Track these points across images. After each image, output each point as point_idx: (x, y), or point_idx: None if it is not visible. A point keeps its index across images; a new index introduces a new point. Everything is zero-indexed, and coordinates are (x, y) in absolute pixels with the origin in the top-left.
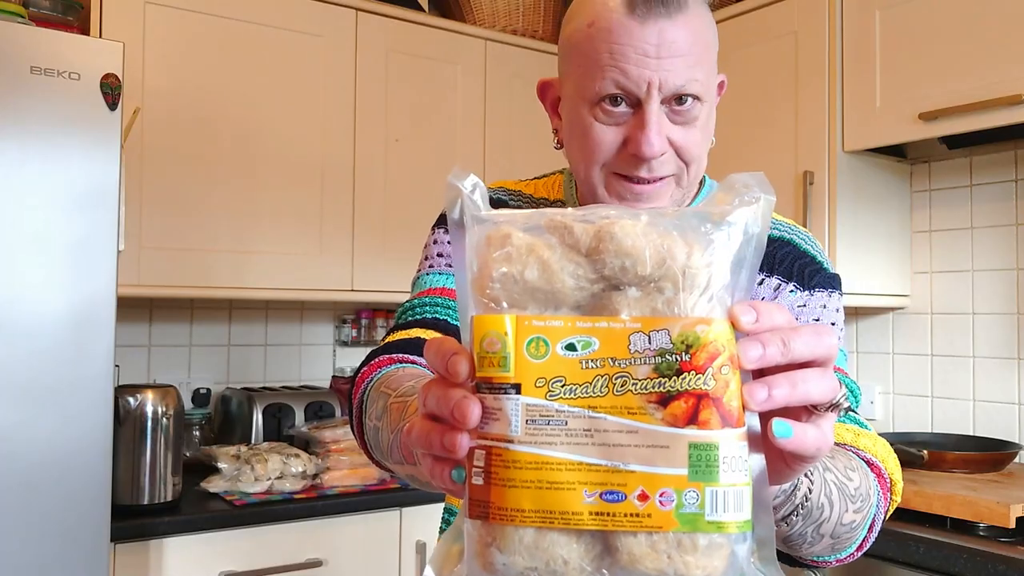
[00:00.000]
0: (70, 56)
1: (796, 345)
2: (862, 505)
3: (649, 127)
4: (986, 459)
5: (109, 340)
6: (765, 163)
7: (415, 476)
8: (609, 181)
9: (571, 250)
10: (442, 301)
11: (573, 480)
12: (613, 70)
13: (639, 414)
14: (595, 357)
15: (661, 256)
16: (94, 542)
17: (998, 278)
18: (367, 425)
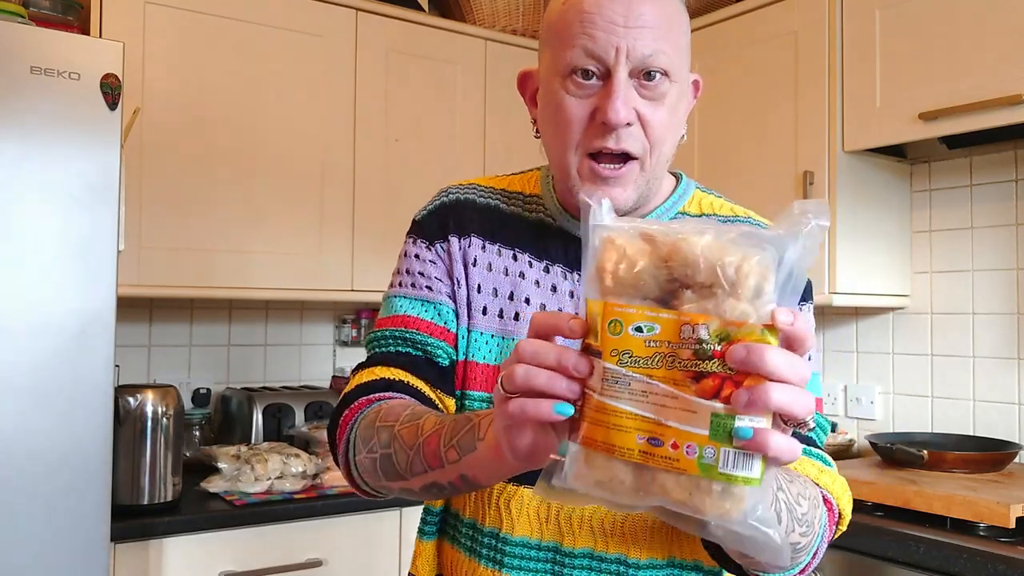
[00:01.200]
0: (70, 56)
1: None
2: (807, 531)
3: (616, 94)
4: (986, 459)
5: (109, 340)
6: (765, 163)
7: (434, 482)
8: (581, 164)
9: (655, 257)
10: (410, 335)
11: (630, 426)
12: (582, 37)
13: (680, 385)
14: (655, 339)
15: (714, 268)
16: (94, 542)
17: (998, 278)
18: (359, 460)
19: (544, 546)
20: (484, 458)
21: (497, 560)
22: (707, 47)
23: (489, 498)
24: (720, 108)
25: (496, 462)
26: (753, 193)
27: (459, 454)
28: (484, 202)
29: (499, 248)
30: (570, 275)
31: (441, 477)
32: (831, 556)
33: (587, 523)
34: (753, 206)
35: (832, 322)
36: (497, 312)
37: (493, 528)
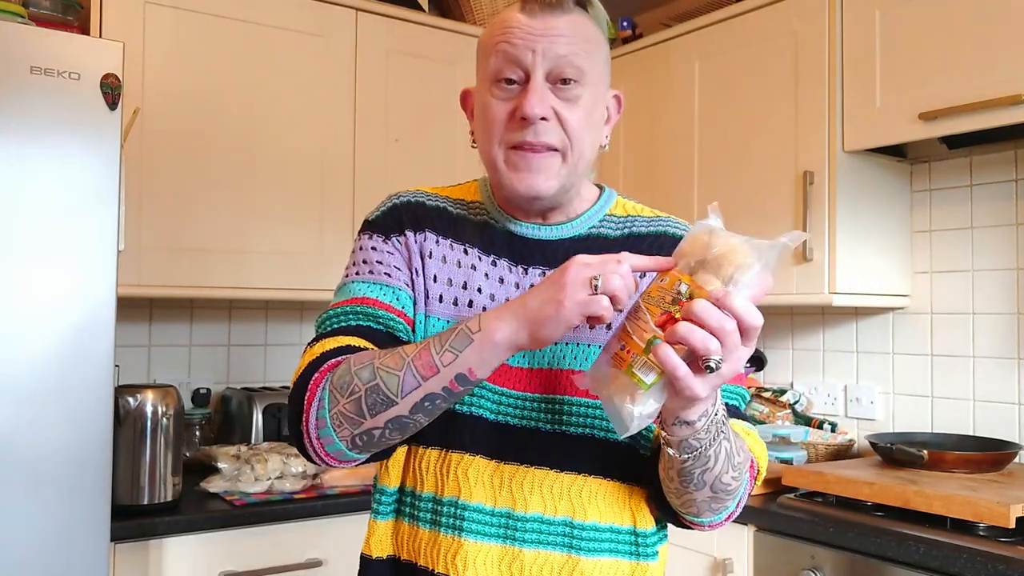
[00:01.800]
0: (70, 56)
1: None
2: (738, 476)
3: (532, 91)
4: (986, 459)
5: (109, 340)
6: (765, 163)
7: (428, 393)
8: (507, 155)
9: (707, 245)
10: (371, 311)
11: (620, 338)
12: (503, 44)
13: (653, 317)
14: (662, 287)
15: (715, 259)
16: (94, 542)
17: (998, 278)
18: (334, 413)
19: (498, 512)
20: (482, 348)
21: (457, 527)
22: (707, 47)
23: (448, 469)
24: (720, 108)
25: (492, 348)
26: (753, 193)
27: (455, 354)
28: (433, 204)
29: (451, 243)
30: (515, 268)
31: (436, 384)
32: (831, 556)
33: (537, 489)
34: (753, 206)
35: (832, 322)
36: (452, 300)
37: (452, 497)
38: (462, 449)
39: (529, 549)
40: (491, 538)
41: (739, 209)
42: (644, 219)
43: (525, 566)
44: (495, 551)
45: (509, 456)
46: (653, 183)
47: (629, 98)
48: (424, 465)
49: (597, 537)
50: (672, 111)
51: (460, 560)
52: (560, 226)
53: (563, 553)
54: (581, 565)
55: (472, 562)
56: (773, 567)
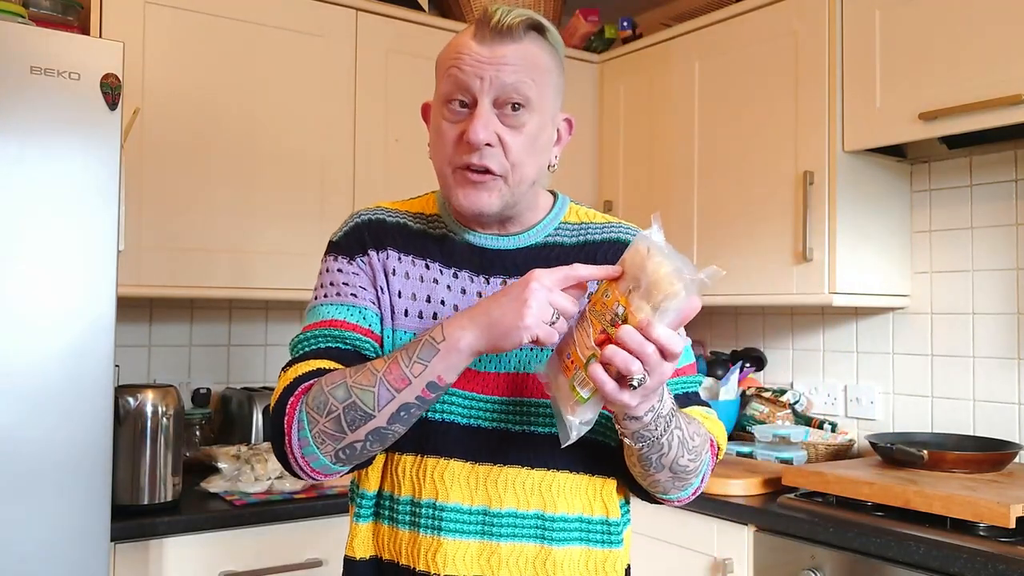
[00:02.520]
0: (70, 56)
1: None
2: (695, 458)
3: (477, 118)
4: (986, 459)
5: (109, 340)
6: (765, 163)
7: (403, 404)
8: (454, 174)
9: (643, 263)
10: (339, 333)
11: (567, 344)
12: (453, 70)
13: (594, 331)
14: (604, 302)
15: (649, 284)
16: (94, 542)
17: (998, 278)
18: (314, 433)
19: (475, 510)
20: (448, 355)
21: (436, 527)
22: (707, 47)
23: (425, 473)
24: (720, 108)
25: (456, 354)
26: (753, 193)
27: (424, 364)
28: (393, 221)
29: (412, 259)
30: (476, 278)
31: (409, 395)
32: (831, 556)
33: (511, 486)
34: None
35: (832, 322)
36: (417, 314)
37: (430, 499)
38: (436, 454)
39: (505, 543)
40: (469, 535)
41: (739, 209)
42: (597, 226)
43: (502, 559)
44: (473, 547)
45: (483, 457)
46: (653, 183)
47: (629, 98)
48: (400, 470)
49: (567, 528)
50: (672, 111)
51: (440, 557)
52: (517, 236)
53: (536, 544)
54: (553, 555)
55: (452, 559)
56: (773, 567)
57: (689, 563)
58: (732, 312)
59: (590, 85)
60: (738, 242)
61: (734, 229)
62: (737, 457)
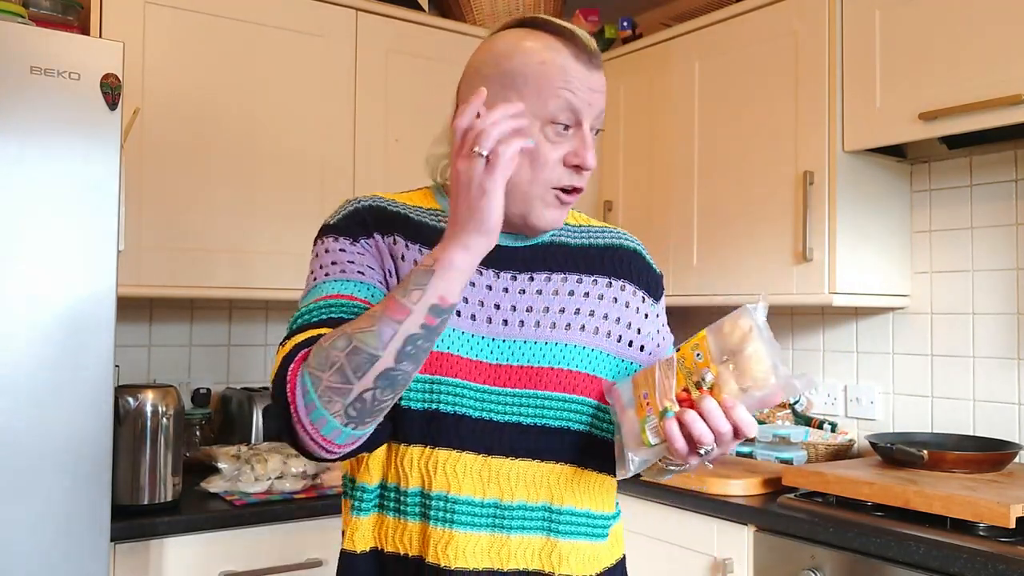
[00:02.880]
0: (70, 56)
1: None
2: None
3: (590, 143)
4: (986, 459)
5: (109, 340)
6: (765, 163)
7: (408, 336)
8: (545, 193)
9: (742, 339)
10: (346, 303)
11: (649, 383)
12: (567, 92)
13: (677, 387)
14: (696, 363)
15: (746, 364)
16: (94, 542)
17: (998, 278)
18: (320, 391)
19: (487, 503)
20: (444, 273)
21: (447, 519)
22: (707, 47)
23: (436, 465)
24: (720, 108)
25: (453, 271)
26: (753, 193)
27: (422, 289)
28: (395, 210)
29: (420, 248)
30: (486, 271)
31: (413, 324)
32: (831, 556)
33: (521, 479)
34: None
35: (832, 322)
36: None
37: (441, 491)
38: (448, 446)
39: (515, 535)
40: (480, 528)
41: (739, 209)
42: (596, 230)
43: (511, 551)
44: (484, 539)
45: (496, 450)
46: (653, 183)
47: (629, 98)
48: (407, 462)
49: (573, 521)
50: (672, 111)
51: (451, 550)
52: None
53: (543, 536)
54: (559, 547)
55: (463, 551)
56: (773, 567)
57: (689, 563)
58: None
59: None
60: (738, 242)
61: (734, 229)
62: (737, 457)
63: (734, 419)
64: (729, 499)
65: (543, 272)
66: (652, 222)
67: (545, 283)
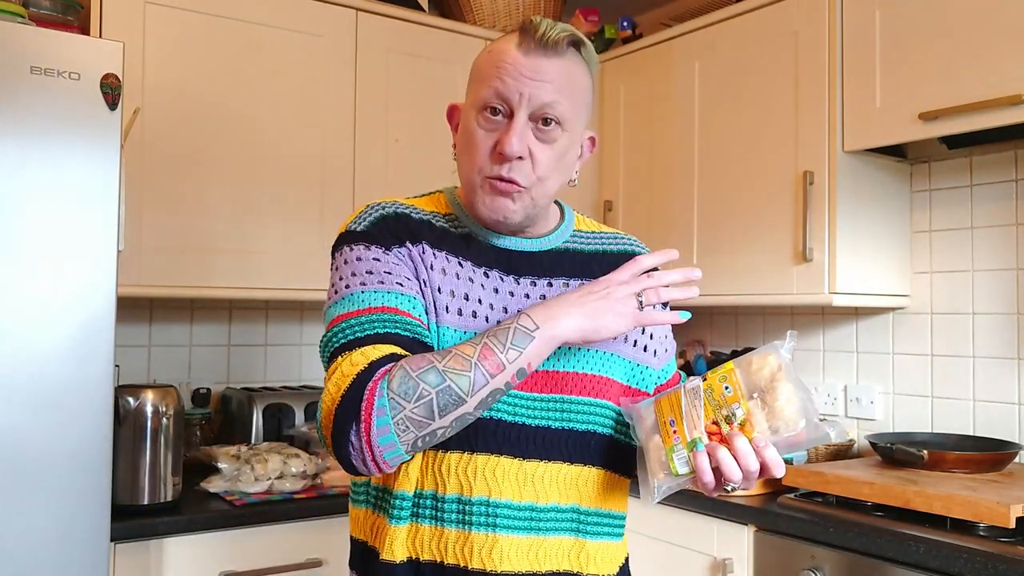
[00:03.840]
0: (70, 56)
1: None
2: None
3: (513, 130)
4: (986, 459)
5: (109, 340)
6: (765, 163)
7: (494, 389)
8: (482, 183)
9: (771, 377)
10: (399, 319)
11: (674, 411)
12: (496, 80)
13: (705, 417)
14: (724, 397)
15: (777, 405)
16: (94, 542)
17: (998, 278)
18: (399, 419)
19: (523, 506)
20: (543, 342)
21: (490, 524)
22: (707, 47)
23: (475, 471)
24: (720, 108)
25: (551, 342)
26: (753, 193)
27: (519, 351)
28: (419, 217)
29: (446, 255)
30: (506, 278)
31: (501, 380)
32: (831, 556)
33: (554, 481)
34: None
35: (832, 322)
36: (457, 311)
37: (482, 496)
38: (487, 451)
39: (549, 536)
40: (520, 531)
41: (739, 209)
42: (608, 236)
43: (547, 553)
44: (524, 542)
45: (530, 453)
46: (653, 183)
47: (629, 98)
48: (445, 468)
49: (599, 522)
50: (672, 111)
51: (496, 554)
52: (538, 239)
53: (572, 537)
54: (587, 547)
55: (507, 555)
56: (773, 567)
57: (689, 563)
58: (732, 312)
59: None
60: (738, 242)
61: (734, 229)
62: None
63: (763, 458)
64: (729, 499)
65: (560, 278)
66: (652, 222)
67: (563, 289)
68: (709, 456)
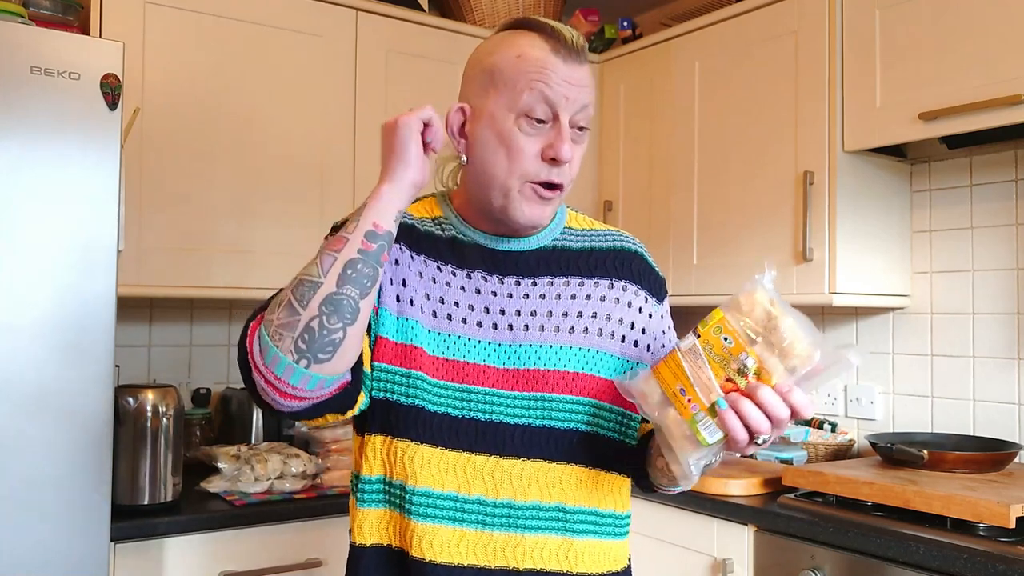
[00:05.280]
0: (70, 56)
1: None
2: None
3: (565, 136)
4: (986, 459)
5: (109, 340)
6: (765, 163)
7: (347, 261)
8: (523, 187)
9: (765, 314)
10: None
11: (680, 376)
12: (541, 85)
13: (716, 376)
14: (727, 348)
15: (784, 342)
16: (94, 542)
17: (998, 278)
18: (273, 329)
19: (500, 503)
20: (375, 203)
21: (458, 519)
22: (707, 47)
23: (448, 467)
24: (720, 108)
25: (382, 201)
26: (753, 193)
27: (356, 221)
28: (402, 221)
29: (424, 259)
30: (490, 278)
31: (351, 250)
32: (831, 556)
33: (534, 479)
34: (753, 206)
35: (832, 322)
36: (432, 313)
37: (452, 492)
38: (459, 448)
39: (530, 535)
40: (494, 527)
41: (739, 209)
42: (599, 233)
43: (527, 551)
44: (498, 539)
45: (508, 451)
46: (653, 183)
47: (629, 98)
48: (418, 461)
49: (585, 520)
50: (672, 111)
51: (463, 548)
52: (527, 239)
53: (559, 536)
54: (575, 546)
55: (472, 549)
56: (773, 567)
57: (689, 563)
58: None
59: None
60: (738, 242)
61: (734, 229)
62: (737, 457)
63: (792, 402)
64: (729, 499)
65: (545, 277)
66: (652, 222)
67: (548, 288)
68: (737, 414)
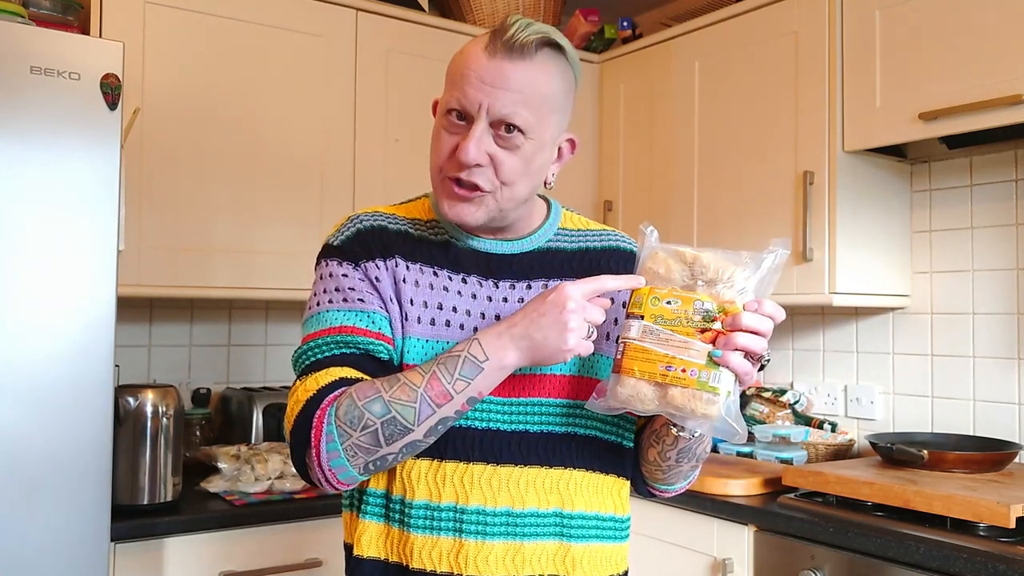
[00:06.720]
0: (70, 56)
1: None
2: (696, 464)
3: (470, 138)
4: (986, 459)
5: (109, 340)
6: (765, 163)
7: (443, 418)
8: (443, 183)
9: (681, 263)
10: (351, 339)
11: (656, 359)
12: (457, 89)
13: (690, 336)
14: (678, 310)
15: (717, 271)
16: (94, 542)
17: (998, 278)
18: (347, 446)
19: (499, 512)
20: (491, 373)
21: (457, 529)
22: (707, 47)
23: (444, 477)
24: (720, 108)
25: (500, 373)
26: (753, 193)
27: (467, 382)
28: (395, 228)
29: (420, 267)
30: (485, 282)
31: (450, 409)
32: (831, 556)
33: (531, 486)
34: (753, 206)
35: (832, 322)
36: (430, 321)
37: (450, 503)
38: (456, 458)
39: (528, 542)
40: (494, 536)
41: (739, 209)
42: (594, 233)
43: (526, 558)
44: (498, 548)
45: (505, 459)
46: (653, 183)
47: (629, 98)
48: (415, 475)
49: (584, 525)
50: (672, 111)
51: (462, 559)
52: (519, 241)
53: (556, 542)
54: (572, 551)
55: (473, 560)
56: (773, 567)
57: (689, 563)
58: None
59: (590, 85)
60: (738, 242)
61: (734, 229)
62: (737, 457)
63: (767, 313)
64: (729, 499)
65: (540, 279)
66: (652, 222)
67: (542, 290)
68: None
